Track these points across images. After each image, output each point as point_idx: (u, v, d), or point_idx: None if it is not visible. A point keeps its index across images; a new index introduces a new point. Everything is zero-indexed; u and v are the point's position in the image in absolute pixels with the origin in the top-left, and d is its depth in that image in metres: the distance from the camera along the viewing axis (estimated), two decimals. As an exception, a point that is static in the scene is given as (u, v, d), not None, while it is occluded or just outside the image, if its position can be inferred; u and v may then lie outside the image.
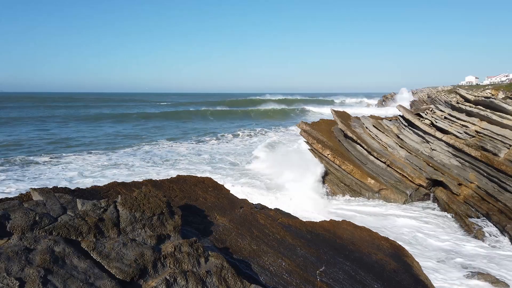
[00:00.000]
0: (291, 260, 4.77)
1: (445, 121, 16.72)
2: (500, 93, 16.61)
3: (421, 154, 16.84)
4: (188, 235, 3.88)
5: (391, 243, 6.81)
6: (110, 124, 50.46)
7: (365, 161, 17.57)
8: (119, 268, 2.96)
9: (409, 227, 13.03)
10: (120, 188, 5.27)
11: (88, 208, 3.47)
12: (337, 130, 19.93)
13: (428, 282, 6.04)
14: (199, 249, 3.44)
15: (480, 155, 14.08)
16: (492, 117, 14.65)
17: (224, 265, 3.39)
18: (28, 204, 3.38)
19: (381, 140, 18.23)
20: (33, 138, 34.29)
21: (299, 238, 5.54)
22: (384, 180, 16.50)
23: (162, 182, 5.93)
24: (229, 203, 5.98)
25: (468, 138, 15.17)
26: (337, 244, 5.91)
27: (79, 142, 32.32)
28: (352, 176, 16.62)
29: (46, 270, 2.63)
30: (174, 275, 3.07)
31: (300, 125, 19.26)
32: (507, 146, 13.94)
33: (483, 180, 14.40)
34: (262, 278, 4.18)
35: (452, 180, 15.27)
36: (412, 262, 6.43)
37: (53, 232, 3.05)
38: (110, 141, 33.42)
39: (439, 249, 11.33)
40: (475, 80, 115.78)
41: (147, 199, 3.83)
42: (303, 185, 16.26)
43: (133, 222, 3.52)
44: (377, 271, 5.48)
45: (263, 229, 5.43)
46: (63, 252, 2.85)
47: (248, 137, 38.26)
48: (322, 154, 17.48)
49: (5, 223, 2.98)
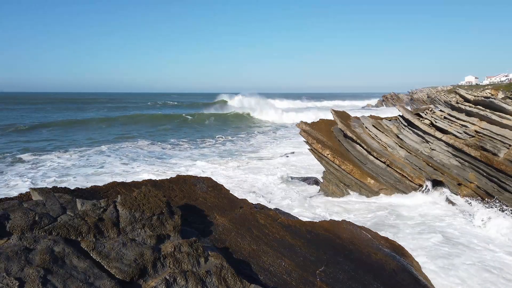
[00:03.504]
0: (290, 260, 4.77)
1: (445, 121, 16.73)
2: (499, 93, 16.60)
3: (420, 154, 16.83)
4: (188, 235, 3.88)
5: (390, 243, 6.81)
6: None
7: (364, 161, 17.57)
8: (119, 268, 2.96)
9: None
10: (120, 188, 5.27)
11: (87, 208, 3.46)
12: (336, 130, 19.93)
13: (428, 282, 6.05)
14: (199, 249, 3.44)
15: (480, 155, 14.08)
16: (491, 117, 14.65)
17: (224, 265, 3.39)
18: (27, 204, 3.37)
19: (380, 140, 18.23)
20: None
21: (298, 238, 5.54)
22: (384, 180, 16.50)
23: (162, 182, 5.92)
24: (228, 203, 5.97)
25: (468, 138, 15.17)
26: (336, 244, 5.91)
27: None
28: (352, 176, 16.62)
29: (46, 270, 2.63)
30: (173, 275, 3.07)
31: (300, 125, 19.26)
32: (506, 146, 13.94)
33: (483, 180, 14.40)
34: (262, 278, 4.18)
35: (452, 180, 15.28)
36: (412, 262, 6.44)
37: (53, 232, 3.05)
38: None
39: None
40: (474, 80, 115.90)
41: (147, 199, 3.83)
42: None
43: (132, 222, 3.52)
44: (377, 271, 5.49)
45: (262, 229, 5.43)
46: (62, 252, 2.85)
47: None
48: (321, 154, 17.48)
49: (5, 223, 2.98)
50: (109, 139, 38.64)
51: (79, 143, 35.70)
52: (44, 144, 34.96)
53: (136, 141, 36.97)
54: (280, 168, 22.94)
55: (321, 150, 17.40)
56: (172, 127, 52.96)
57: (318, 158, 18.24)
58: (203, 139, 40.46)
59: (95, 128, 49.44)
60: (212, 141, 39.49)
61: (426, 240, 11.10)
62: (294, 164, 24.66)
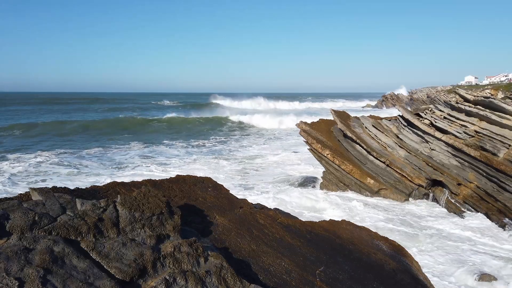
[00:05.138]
0: (290, 260, 4.77)
1: (445, 121, 16.73)
2: (499, 93, 16.61)
3: (420, 154, 16.84)
4: (188, 235, 3.88)
5: (390, 243, 6.81)
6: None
7: (364, 161, 17.57)
8: (119, 268, 2.96)
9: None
10: (120, 188, 5.26)
11: (87, 208, 3.46)
12: (336, 130, 19.93)
13: (428, 281, 6.05)
14: (199, 249, 3.44)
15: (480, 155, 14.09)
16: (491, 117, 14.66)
17: (223, 265, 3.39)
18: (27, 204, 3.37)
19: (380, 140, 18.24)
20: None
21: (298, 237, 5.54)
22: (384, 180, 16.51)
23: (162, 182, 5.92)
24: (228, 203, 5.97)
25: (468, 138, 15.18)
26: (336, 243, 5.91)
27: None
28: (352, 176, 16.64)
29: (46, 270, 2.63)
30: (173, 275, 3.07)
31: (300, 125, 19.26)
32: (506, 146, 13.95)
33: (483, 180, 14.41)
34: (262, 278, 4.18)
35: (452, 180, 15.28)
36: (412, 261, 6.44)
37: (53, 232, 3.05)
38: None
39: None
40: (474, 80, 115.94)
41: (147, 199, 3.83)
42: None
43: (132, 222, 3.52)
44: (377, 271, 5.49)
45: (262, 229, 5.43)
46: (62, 252, 2.85)
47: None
48: (321, 154, 17.49)
49: (5, 223, 2.97)
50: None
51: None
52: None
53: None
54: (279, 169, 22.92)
55: (321, 150, 17.41)
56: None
57: (318, 158, 18.24)
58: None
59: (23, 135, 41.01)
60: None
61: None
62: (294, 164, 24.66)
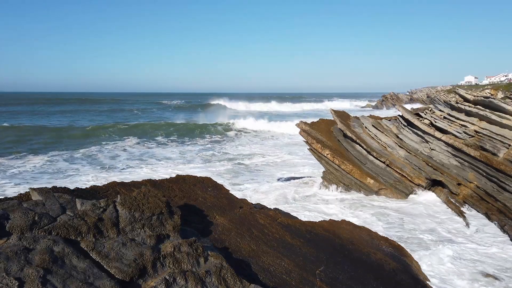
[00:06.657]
0: (290, 260, 4.77)
1: (444, 121, 16.74)
2: (499, 93, 16.64)
3: (420, 154, 16.85)
4: (188, 235, 3.88)
5: (390, 243, 6.81)
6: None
7: (364, 161, 17.57)
8: (119, 268, 2.96)
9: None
10: (120, 188, 5.27)
11: (87, 208, 3.46)
12: (336, 130, 19.93)
13: (428, 281, 6.05)
14: (199, 249, 3.44)
15: (479, 155, 14.09)
16: (491, 117, 14.67)
17: (223, 265, 3.39)
18: (27, 204, 3.37)
19: (380, 140, 18.24)
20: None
21: (298, 237, 5.55)
22: (384, 180, 16.51)
23: (162, 182, 5.92)
24: (228, 203, 5.97)
25: (467, 138, 15.18)
26: (336, 243, 5.91)
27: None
28: (352, 176, 16.63)
29: (46, 270, 2.63)
30: (173, 275, 3.07)
31: (300, 125, 19.26)
32: (506, 146, 13.95)
33: (482, 179, 14.41)
34: (262, 278, 4.18)
35: (452, 180, 15.28)
36: (412, 261, 6.44)
37: (52, 232, 3.05)
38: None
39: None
40: (474, 80, 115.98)
41: (147, 199, 3.83)
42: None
43: (132, 222, 3.52)
44: (377, 271, 5.49)
45: (262, 229, 5.43)
46: (62, 252, 2.85)
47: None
48: (321, 154, 17.48)
49: (4, 223, 2.97)
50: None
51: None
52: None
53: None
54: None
55: (321, 150, 17.41)
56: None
57: (317, 158, 18.23)
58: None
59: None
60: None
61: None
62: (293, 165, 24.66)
